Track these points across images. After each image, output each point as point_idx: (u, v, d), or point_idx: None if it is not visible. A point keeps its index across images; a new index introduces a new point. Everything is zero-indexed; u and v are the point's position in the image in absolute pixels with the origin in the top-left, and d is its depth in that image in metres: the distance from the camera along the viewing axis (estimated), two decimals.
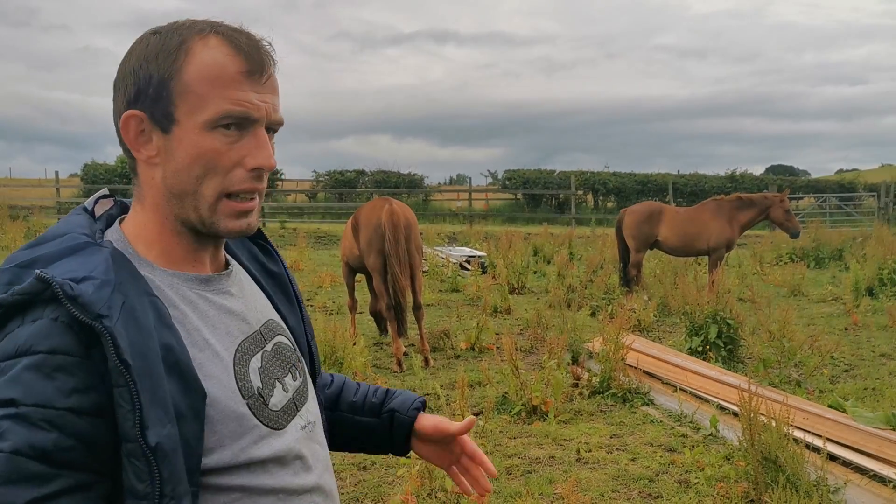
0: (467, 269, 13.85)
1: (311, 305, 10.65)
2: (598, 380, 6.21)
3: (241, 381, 1.10)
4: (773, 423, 4.13)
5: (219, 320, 1.13)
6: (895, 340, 8.24)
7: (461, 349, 7.85)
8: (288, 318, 1.31)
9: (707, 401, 5.81)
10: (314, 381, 1.36)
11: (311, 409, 1.26)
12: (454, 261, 14.47)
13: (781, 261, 15.32)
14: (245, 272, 1.28)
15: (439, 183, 40.99)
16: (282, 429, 1.14)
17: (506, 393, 5.91)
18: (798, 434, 4.41)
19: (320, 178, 32.62)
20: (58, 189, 26.59)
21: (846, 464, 4.42)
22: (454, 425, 1.48)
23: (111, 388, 0.94)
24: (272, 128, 1.14)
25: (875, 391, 6.17)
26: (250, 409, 1.10)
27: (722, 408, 5.60)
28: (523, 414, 5.62)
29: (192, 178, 1.08)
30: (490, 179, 41.09)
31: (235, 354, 1.12)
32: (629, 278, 11.13)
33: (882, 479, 4.20)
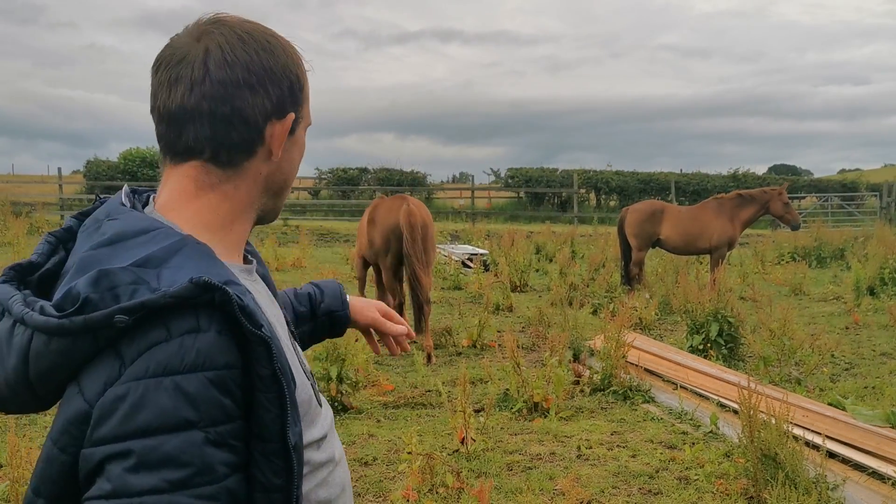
0: (469, 267, 13.87)
1: None
2: (599, 377, 6.24)
3: (303, 364, 1.19)
4: (773, 421, 4.15)
5: (268, 308, 1.14)
6: (895, 339, 8.26)
7: (463, 346, 7.88)
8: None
9: (707, 398, 5.84)
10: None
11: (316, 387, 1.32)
12: (456, 259, 14.49)
13: (783, 260, 15.33)
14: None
15: (442, 181, 41.04)
16: (322, 405, 1.22)
17: (507, 390, 5.94)
18: (797, 431, 4.43)
19: (323, 176, 32.64)
20: (60, 186, 26.63)
21: (845, 461, 4.44)
22: (392, 328, 1.60)
23: (254, 393, 0.96)
24: None
25: (875, 390, 6.19)
26: (313, 389, 1.18)
27: (722, 405, 5.63)
28: (524, 411, 5.65)
29: (290, 181, 1.20)
30: (493, 178, 41.13)
31: (291, 339, 1.19)
32: (631, 277, 11.15)
33: (881, 477, 4.22)
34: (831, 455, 4.38)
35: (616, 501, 4.17)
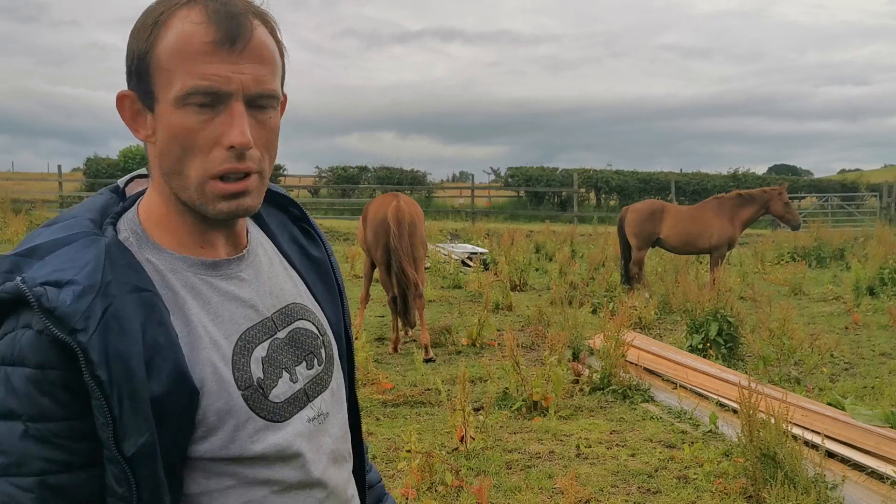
0: (469, 266, 13.87)
1: None
2: (598, 376, 6.24)
3: (239, 371, 1.06)
4: (772, 420, 4.15)
5: (222, 307, 1.09)
6: (895, 340, 8.26)
7: (462, 345, 7.88)
8: (325, 305, 1.26)
9: (707, 398, 5.84)
10: (351, 370, 1.33)
11: (327, 401, 1.19)
12: (456, 257, 14.49)
13: (783, 260, 15.34)
14: (273, 254, 1.23)
15: (442, 180, 41.01)
16: (282, 421, 1.10)
17: (506, 388, 5.94)
18: (797, 431, 4.43)
19: (323, 174, 32.64)
20: (60, 183, 26.65)
21: (844, 461, 4.45)
22: None
23: (89, 396, 0.95)
24: (260, 102, 1.04)
25: (874, 389, 6.18)
26: (245, 400, 1.06)
27: (721, 405, 5.63)
28: (524, 409, 5.65)
29: (175, 159, 1.03)
30: (493, 177, 41.15)
31: (237, 343, 1.08)
32: (631, 276, 11.15)
33: (880, 476, 4.22)
34: (830, 455, 4.38)
35: (615, 500, 4.17)
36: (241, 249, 1.16)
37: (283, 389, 1.11)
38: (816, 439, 4.31)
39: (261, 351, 1.10)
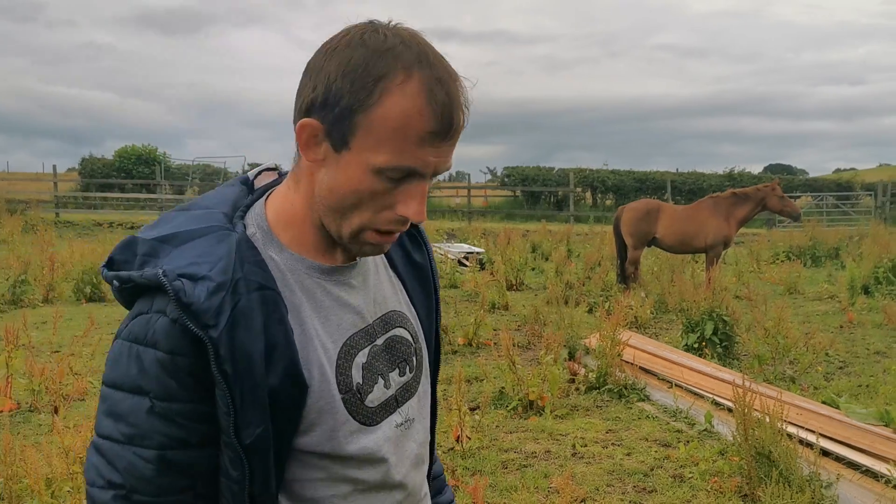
0: (466, 266, 13.87)
1: None
2: (594, 375, 6.25)
3: (341, 375, 1.11)
4: (767, 419, 4.16)
5: (332, 312, 1.13)
6: (890, 338, 8.28)
7: (459, 344, 7.89)
8: (420, 310, 1.30)
9: (702, 397, 5.86)
10: (435, 373, 1.36)
11: (413, 407, 1.24)
12: (452, 257, 14.49)
13: (778, 259, 15.37)
14: (379, 259, 1.26)
15: (439, 179, 40.84)
16: (374, 425, 1.15)
17: (503, 388, 5.95)
18: (791, 430, 4.45)
19: None
20: (55, 183, 26.58)
21: (839, 459, 4.46)
22: None
23: (214, 384, 1.02)
24: (436, 174, 1.10)
25: (869, 388, 6.21)
26: (344, 403, 1.11)
27: (717, 403, 5.65)
28: (520, 409, 5.66)
29: (345, 205, 1.07)
30: (489, 176, 41.14)
31: (342, 348, 1.13)
32: (626, 275, 11.16)
33: (874, 475, 4.24)
34: (825, 453, 4.40)
35: (611, 499, 4.18)
36: (355, 258, 1.19)
37: (377, 395, 1.16)
38: (811, 438, 4.33)
39: (362, 357, 1.15)
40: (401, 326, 1.23)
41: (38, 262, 10.81)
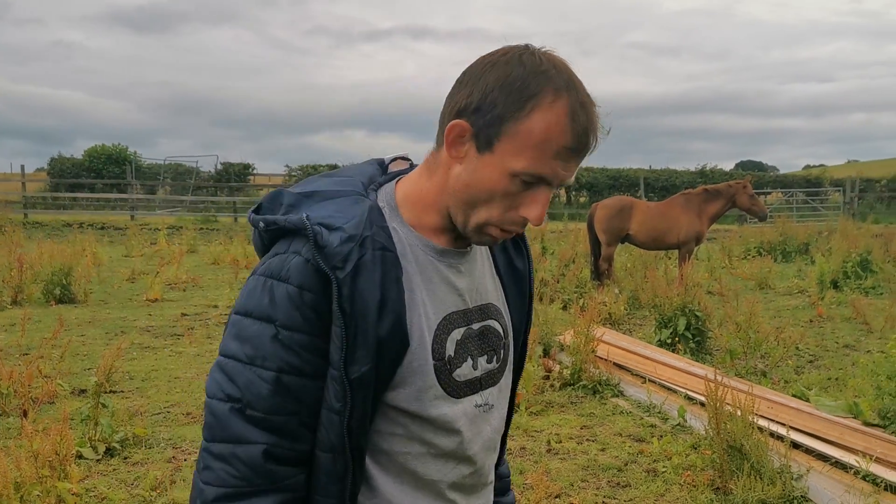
0: None
1: None
2: (569, 372, 6.28)
3: (437, 343, 1.23)
4: (739, 413, 4.21)
5: (438, 288, 1.25)
6: (858, 332, 8.41)
7: None
8: (514, 313, 1.40)
9: (675, 391, 5.91)
10: (517, 374, 1.46)
11: (494, 394, 1.34)
12: None
13: (749, 255, 15.53)
14: (486, 257, 1.37)
15: None
16: (458, 398, 1.26)
17: None
18: (763, 423, 4.50)
19: (293, 173, 32.44)
20: (24, 183, 26.17)
21: (809, 451, 4.52)
22: None
23: (332, 321, 1.15)
24: (560, 186, 1.22)
25: (838, 381, 6.29)
26: (435, 370, 1.22)
27: (690, 398, 5.69)
28: None
29: (477, 200, 1.19)
30: None
31: (442, 321, 1.24)
32: (600, 272, 11.22)
33: (843, 466, 4.30)
34: (795, 445, 4.46)
35: (585, 494, 4.20)
36: (466, 247, 1.30)
37: (464, 371, 1.27)
38: (782, 431, 4.38)
39: (457, 334, 1.26)
40: (495, 319, 1.34)
41: (7, 264, 10.64)
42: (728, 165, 63.56)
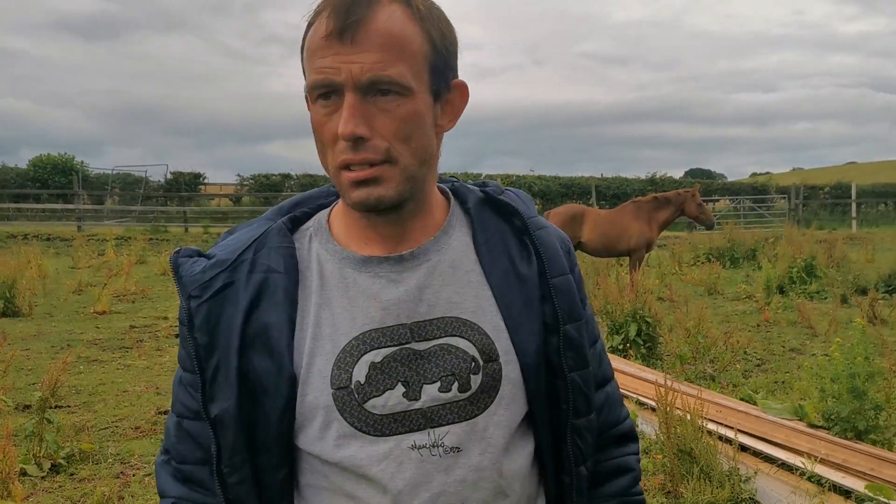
0: None
1: None
2: None
3: (339, 369, 1.03)
4: (688, 417, 4.27)
5: (354, 303, 1.06)
6: (804, 336, 8.60)
7: None
8: (519, 329, 1.09)
9: (627, 397, 5.97)
10: (559, 413, 1.13)
11: (462, 435, 1.04)
12: None
13: (699, 261, 15.80)
14: (464, 264, 1.11)
15: None
16: (376, 435, 1.02)
17: None
18: (712, 426, 4.57)
19: (245, 182, 32.09)
20: None
21: (756, 454, 4.60)
22: None
23: None
24: (380, 88, 0.99)
25: (784, 384, 6.43)
26: (334, 399, 1.02)
27: (641, 403, 5.76)
28: None
29: (319, 153, 1.05)
30: None
31: (350, 342, 1.04)
32: None
33: (789, 468, 4.39)
34: (743, 448, 4.54)
35: None
36: (404, 250, 1.10)
37: (388, 402, 1.03)
38: (730, 434, 4.45)
39: (374, 356, 1.04)
40: (461, 336, 1.06)
41: None
42: (677, 173, 64.67)
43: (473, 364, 1.06)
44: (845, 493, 3.98)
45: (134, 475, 4.60)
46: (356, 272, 1.08)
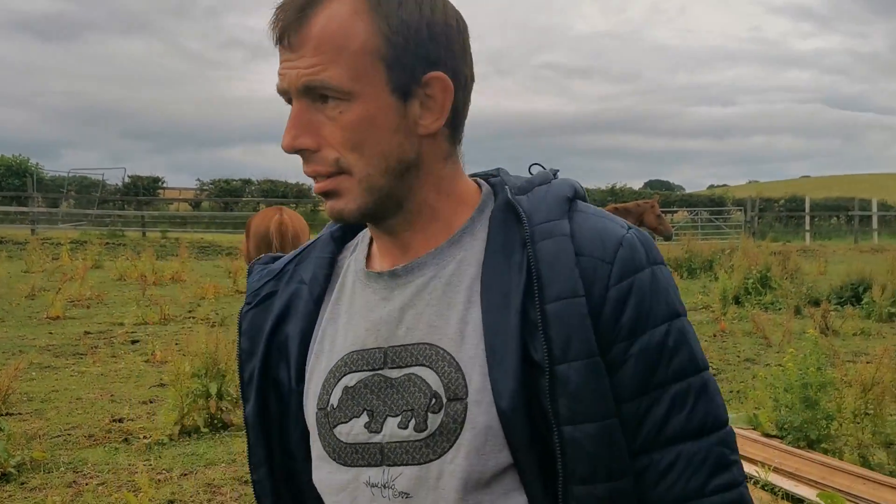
0: None
1: (193, 317, 10.35)
2: None
3: (325, 389, 0.98)
4: None
5: (353, 321, 1.00)
6: (759, 346, 8.76)
7: None
8: (498, 363, 0.89)
9: None
10: (547, 470, 0.89)
11: (413, 481, 0.91)
12: None
13: None
14: (461, 280, 0.95)
15: None
16: (342, 464, 0.96)
17: None
18: None
19: (204, 187, 31.75)
20: None
21: None
22: None
23: None
24: (322, 94, 0.90)
25: (739, 394, 6.53)
26: (316, 419, 0.99)
27: None
28: None
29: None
30: None
31: (337, 363, 0.98)
32: None
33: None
34: None
35: None
36: (400, 264, 0.99)
37: (352, 431, 0.95)
38: None
39: (349, 380, 0.96)
40: (428, 367, 0.92)
41: None
42: (637, 184, 65.46)
43: (434, 401, 0.90)
44: (798, 501, 4.06)
45: (87, 484, 4.51)
46: (362, 287, 1.01)
